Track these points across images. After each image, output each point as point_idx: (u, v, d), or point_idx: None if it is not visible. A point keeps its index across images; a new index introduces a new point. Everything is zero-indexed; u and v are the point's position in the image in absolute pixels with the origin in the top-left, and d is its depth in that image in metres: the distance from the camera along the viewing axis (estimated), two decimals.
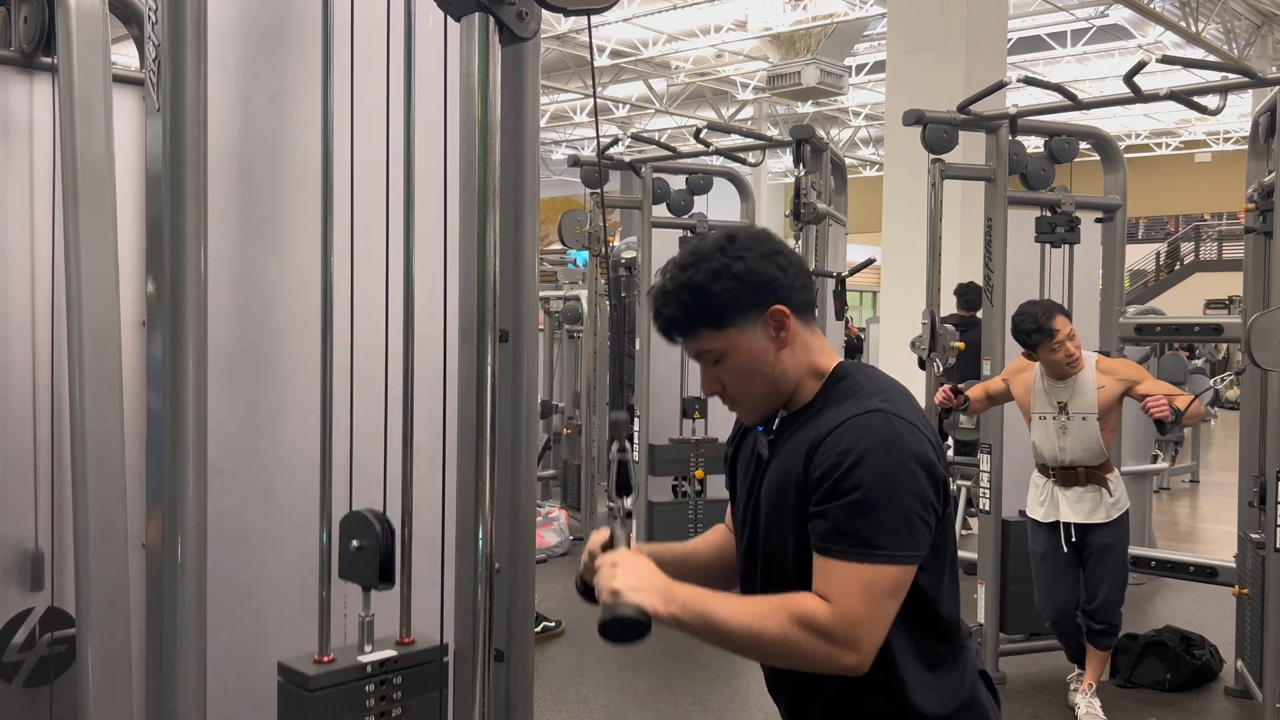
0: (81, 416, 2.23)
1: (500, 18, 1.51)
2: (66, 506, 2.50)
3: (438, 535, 1.83)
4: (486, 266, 1.54)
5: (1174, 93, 4.47)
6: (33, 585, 2.61)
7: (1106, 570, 4.15)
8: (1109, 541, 4.13)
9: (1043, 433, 4.17)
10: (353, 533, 1.78)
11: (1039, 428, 4.19)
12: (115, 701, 2.20)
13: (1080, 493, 4.12)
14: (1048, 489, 4.19)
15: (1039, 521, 4.23)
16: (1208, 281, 22.87)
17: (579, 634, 5.46)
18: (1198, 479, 10.88)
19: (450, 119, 1.72)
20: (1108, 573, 4.15)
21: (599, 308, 6.86)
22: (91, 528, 2.20)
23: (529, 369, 1.86)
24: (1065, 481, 4.14)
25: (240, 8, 1.88)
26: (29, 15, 2.52)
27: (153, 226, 1.67)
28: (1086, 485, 4.11)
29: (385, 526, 1.76)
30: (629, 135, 8.14)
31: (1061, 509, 4.14)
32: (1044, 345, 4.00)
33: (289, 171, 1.91)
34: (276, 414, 1.93)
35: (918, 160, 5.14)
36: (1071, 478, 4.13)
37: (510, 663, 1.84)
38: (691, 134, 6.84)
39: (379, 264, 1.85)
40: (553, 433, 8.68)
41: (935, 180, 4.78)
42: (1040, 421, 4.18)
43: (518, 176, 1.81)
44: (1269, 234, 4.25)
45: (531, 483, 1.92)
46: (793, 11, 13.47)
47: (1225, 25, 14.59)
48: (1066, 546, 4.15)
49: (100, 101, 2.30)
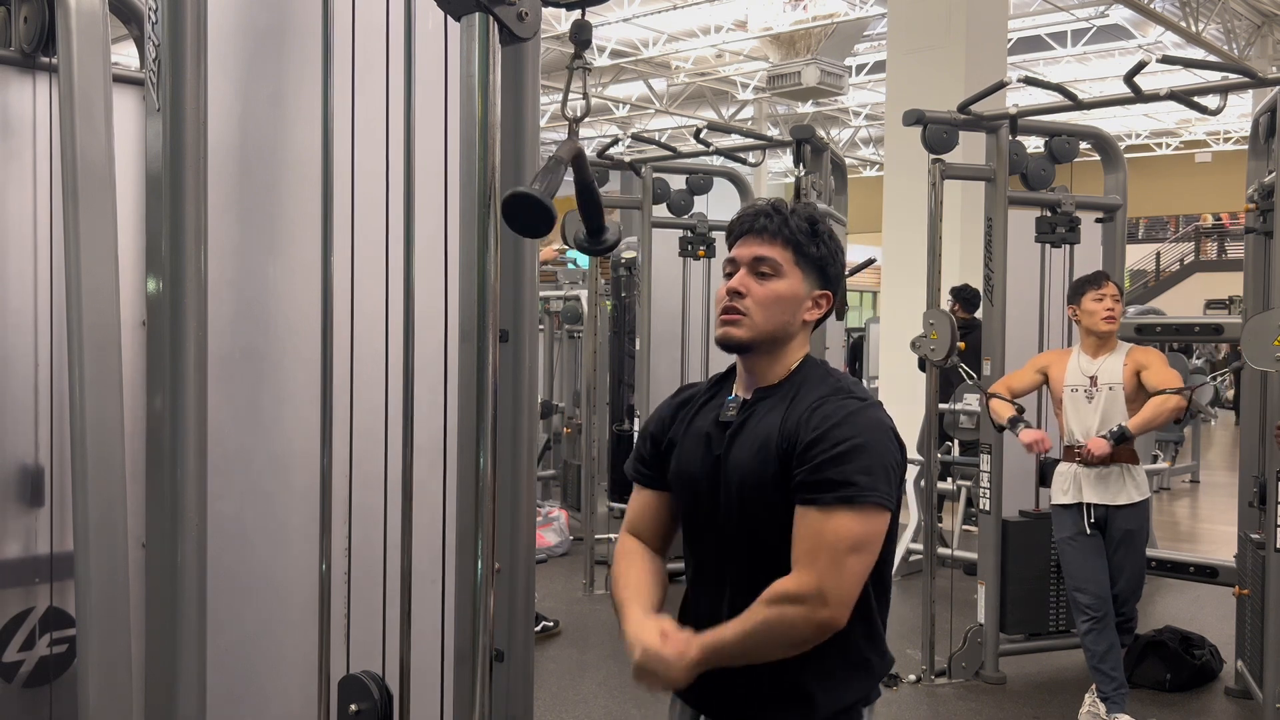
0: (81, 416, 2.23)
1: (500, 18, 1.51)
2: (67, 508, 2.50)
3: (438, 535, 1.83)
4: (486, 266, 1.54)
5: (1174, 93, 4.47)
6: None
7: (1126, 558, 4.15)
8: (1131, 527, 4.13)
9: (1073, 406, 4.23)
10: (351, 697, 1.76)
11: (1070, 401, 4.24)
12: (115, 701, 2.20)
13: (1103, 472, 4.12)
14: (1070, 473, 4.21)
15: (1063, 505, 4.23)
16: (1208, 281, 22.87)
17: (579, 634, 5.46)
18: (1198, 479, 10.88)
19: (450, 119, 1.72)
20: (1128, 560, 4.15)
21: (599, 308, 6.86)
22: (91, 528, 2.20)
23: (529, 369, 1.86)
24: (1088, 459, 4.15)
25: (240, 8, 1.87)
26: (29, 15, 2.52)
27: (153, 226, 1.67)
28: (1110, 464, 4.12)
29: (384, 693, 1.74)
30: (629, 135, 8.14)
31: (1084, 490, 4.15)
32: (1090, 292, 4.19)
33: (289, 171, 1.91)
34: (276, 414, 1.93)
35: (918, 160, 5.14)
36: None
37: (510, 663, 1.84)
38: (691, 134, 6.84)
39: (379, 264, 1.85)
40: (553, 433, 8.68)
41: (935, 180, 4.79)
42: (1071, 394, 4.24)
43: (518, 176, 1.81)
44: (1269, 234, 4.25)
45: (531, 483, 1.92)
46: (793, 11, 13.47)
47: (1225, 25, 14.59)
48: (1089, 529, 4.15)
49: (100, 101, 2.30)
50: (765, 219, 1.75)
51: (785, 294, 1.74)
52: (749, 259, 1.75)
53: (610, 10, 14.12)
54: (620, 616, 1.76)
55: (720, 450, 1.74)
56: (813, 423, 1.64)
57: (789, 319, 1.75)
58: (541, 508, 7.32)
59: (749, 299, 1.73)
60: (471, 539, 1.56)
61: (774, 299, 1.73)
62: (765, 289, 1.73)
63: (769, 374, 1.76)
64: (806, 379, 1.74)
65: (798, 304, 1.75)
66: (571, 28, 1.67)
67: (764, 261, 1.74)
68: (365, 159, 1.86)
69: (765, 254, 1.74)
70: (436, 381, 1.87)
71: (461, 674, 1.61)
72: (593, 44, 1.73)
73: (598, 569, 6.34)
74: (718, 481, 1.73)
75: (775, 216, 1.75)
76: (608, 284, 7.74)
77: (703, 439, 1.78)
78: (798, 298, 1.75)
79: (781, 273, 1.74)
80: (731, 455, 1.72)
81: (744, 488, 1.69)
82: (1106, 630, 4.12)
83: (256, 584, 1.92)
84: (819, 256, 1.75)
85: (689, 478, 1.79)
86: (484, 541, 1.55)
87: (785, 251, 1.74)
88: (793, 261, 1.74)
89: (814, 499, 1.60)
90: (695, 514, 1.79)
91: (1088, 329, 4.24)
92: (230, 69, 1.86)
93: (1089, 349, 4.25)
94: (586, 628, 5.56)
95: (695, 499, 1.78)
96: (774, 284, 1.73)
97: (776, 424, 1.68)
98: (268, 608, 1.93)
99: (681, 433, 1.83)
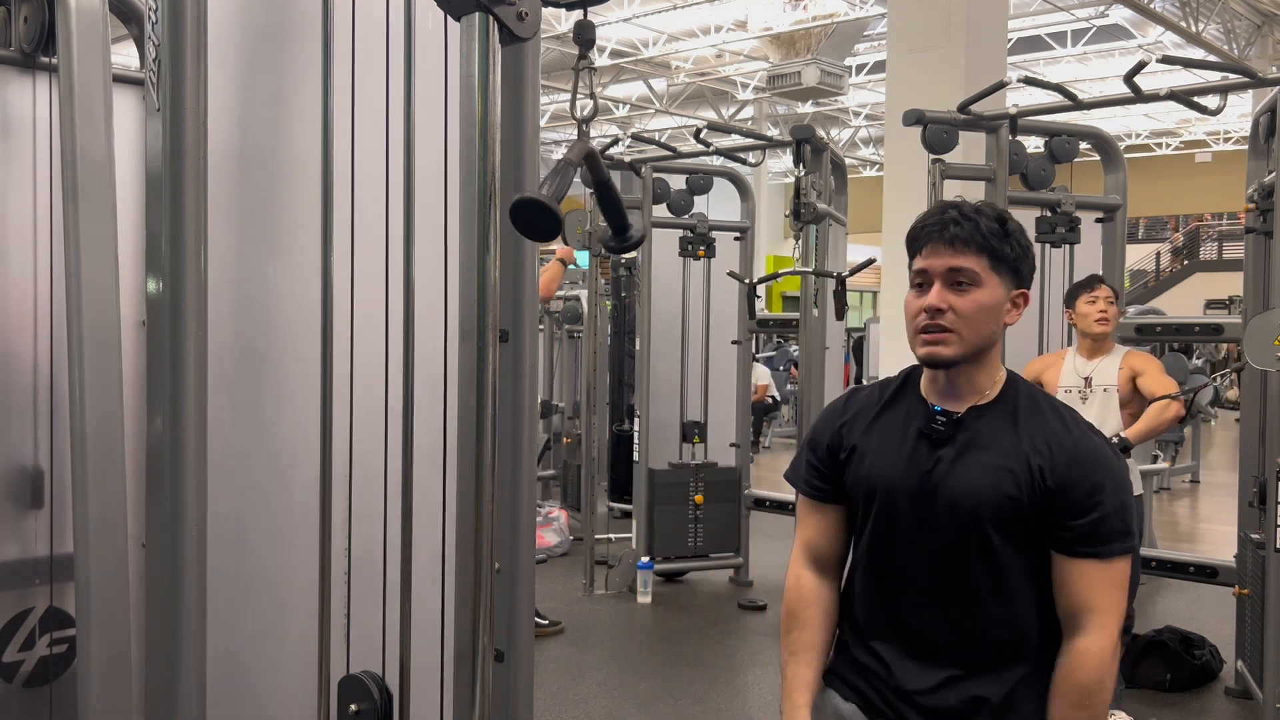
0: (81, 417, 2.23)
1: (500, 18, 1.51)
2: (67, 509, 2.50)
3: (438, 535, 1.83)
4: (486, 266, 1.54)
5: (1174, 93, 4.47)
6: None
7: None
8: None
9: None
10: (351, 697, 1.75)
11: (1064, 401, 4.23)
12: (115, 701, 2.20)
13: None
14: None
15: None
16: (1208, 281, 22.87)
17: (579, 634, 5.46)
18: (1198, 479, 10.88)
19: (450, 119, 1.72)
20: None
21: (599, 308, 6.86)
22: (91, 528, 2.20)
23: (529, 369, 1.85)
24: None
25: (240, 8, 1.87)
26: (29, 15, 2.52)
27: (153, 226, 1.67)
28: None
29: (384, 693, 1.73)
30: (629, 135, 8.13)
31: None
32: (1084, 295, 4.23)
33: (289, 171, 1.91)
34: (276, 414, 1.92)
35: (918, 160, 5.13)
36: None
37: (510, 663, 1.84)
38: (691, 134, 6.84)
39: (379, 264, 1.85)
40: (553, 432, 8.67)
41: (935, 180, 4.78)
42: (1065, 395, 4.25)
43: (518, 176, 1.81)
44: (1269, 234, 4.25)
45: (531, 483, 1.92)
46: (793, 11, 13.47)
47: (1225, 25, 14.59)
48: None
49: (100, 101, 2.30)
50: (955, 226, 1.67)
51: (988, 303, 1.67)
52: (943, 270, 1.67)
53: (610, 10, 14.12)
54: (784, 686, 1.81)
55: (931, 465, 1.70)
56: (1080, 468, 1.64)
57: (994, 328, 1.69)
58: (541, 508, 7.32)
59: (951, 313, 1.66)
60: (471, 539, 1.56)
61: (978, 310, 1.67)
62: (968, 301, 1.66)
63: (978, 387, 1.72)
64: (1026, 401, 1.72)
65: (999, 311, 1.69)
66: (575, 28, 1.66)
67: (961, 272, 1.66)
68: (365, 159, 1.86)
69: (962, 264, 1.66)
70: (436, 381, 1.87)
71: (461, 674, 1.61)
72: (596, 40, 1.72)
73: (597, 569, 6.34)
74: (930, 497, 1.69)
75: (965, 222, 1.67)
76: (608, 284, 7.74)
77: (903, 449, 1.73)
78: (999, 304, 1.69)
79: (980, 282, 1.66)
80: (954, 473, 1.68)
81: (977, 507, 1.65)
82: None
83: (256, 584, 1.92)
84: (1013, 257, 1.69)
85: (887, 488, 1.73)
86: (484, 541, 1.55)
87: (981, 259, 1.66)
88: (989, 268, 1.67)
89: (1099, 552, 1.63)
90: (888, 524, 1.74)
91: (1082, 331, 4.27)
92: (230, 69, 1.85)
93: (1084, 351, 4.28)
94: (586, 628, 5.56)
95: (892, 509, 1.73)
96: (976, 295, 1.67)
97: (1014, 450, 1.66)
98: (268, 608, 1.93)
99: (866, 440, 1.77)
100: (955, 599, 1.70)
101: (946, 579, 1.70)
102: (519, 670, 1.85)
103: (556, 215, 1.47)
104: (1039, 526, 1.65)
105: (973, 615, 1.68)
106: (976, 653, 1.68)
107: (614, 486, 8.02)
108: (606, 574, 6.32)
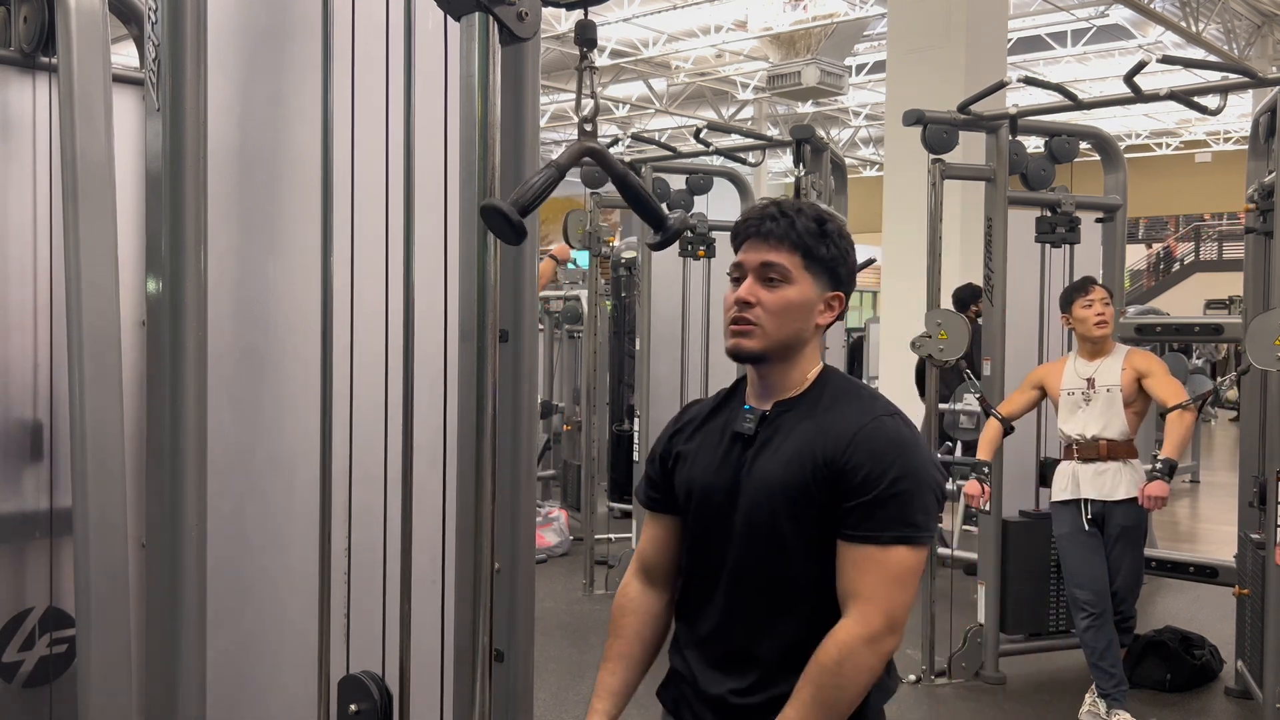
0: (81, 416, 2.23)
1: (500, 18, 1.51)
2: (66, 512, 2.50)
3: (438, 535, 1.83)
4: (486, 266, 1.54)
5: (1174, 93, 4.47)
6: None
7: (1124, 554, 4.15)
8: (1127, 524, 4.14)
9: (1069, 407, 4.25)
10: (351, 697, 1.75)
11: (1066, 404, 4.26)
12: (115, 701, 2.20)
13: (1100, 467, 4.14)
14: (1069, 470, 4.23)
15: (1061, 502, 4.24)
16: (1208, 281, 22.86)
17: (579, 634, 5.46)
18: (1198, 479, 10.88)
19: (450, 119, 1.72)
20: (1125, 556, 4.16)
21: (599, 308, 6.86)
22: (91, 528, 2.20)
23: (529, 369, 1.85)
24: (1086, 456, 4.17)
25: (240, 8, 1.87)
26: (29, 15, 2.52)
27: (153, 226, 1.67)
28: (1107, 460, 4.14)
29: (384, 693, 1.73)
30: (629, 135, 8.14)
31: (1081, 486, 4.17)
32: (1079, 299, 4.21)
33: (289, 171, 1.91)
34: (276, 414, 1.93)
35: (918, 160, 5.14)
36: (1093, 451, 4.16)
37: (510, 663, 1.84)
38: (691, 134, 6.84)
39: (379, 264, 1.85)
40: (553, 433, 8.68)
41: (935, 180, 4.79)
42: (1068, 397, 4.26)
43: (518, 176, 1.80)
44: (1269, 234, 4.25)
45: (531, 483, 1.92)
46: (793, 11, 13.48)
47: (1225, 25, 14.60)
48: (1087, 526, 4.16)
49: (100, 101, 2.30)
50: (771, 222, 1.68)
51: (796, 301, 1.67)
52: (756, 265, 1.68)
53: (610, 10, 14.12)
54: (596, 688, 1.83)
55: (740, 463, 1.70)
56: (862, 450, 1.60)
57: (802, 326, 1.69)
58: (541, 508, 7.32)
59: (759, 308, 1.67)
60: (471, 539, 1.56)
61: (785, 307, 1.67)
62: (775, 296, 1.67)
63: (786, 384, 1.71)
64: (832, 391, 1.70)
65: (810, 310, 1.69)
66: (576, 28, 1.66)
67: (772, 267, 1.67)
68: (365, 159, 1.86)
69: (773, 259, 1.67)
70: (436, 381, 1.87)
71: (461, 674, 1.61)
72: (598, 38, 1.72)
73: (597, 569, 6.33)
74: (736, 494, 1.69)
75: (781, 219, 1.67)
76: (608, 284, 7.74)
77: (717, 451, 1.73)
78: (809, 303, 1.68)
79: (791, 279, 1.67)
80: (756, 468, 1.67)
81: (772, 500, 1.65)
82: (1105, 627, 4.11)
83: (256, 584, 1.92)
84: (829, 258, 1.68)
85: (703, 489, 1.73)
86: (484, 541, 1.55)
87: (794, 256, 1.67)
88: (802, 266, 1.67)
89: (873, 536, 1.58)
90: (704, 526, 1.74)
91: (1081, 335, 4.26)
92: (230, 69, 1.86)
93: (1085, 353, 4.27)
94: (586, 628, 5.56)
95: (707, 511, 1.73)
96: (784, 291, 1.67)
97: (809, 439, 1.64)
98: (268, 608, 1.93)
99: (689, 446, 1.78)
100: (753, 600, 1.69)
101: (744, 578, 1.69)
102: (519, 670, 1.85)
103: (519, 221, 1.46)
104: (830, 513, 1.62)
105: (771, 615, 1.67)
106: (777, 653, 1.67)
107: (614, 486, 8.01)
108: (606, 574, 6.32)
